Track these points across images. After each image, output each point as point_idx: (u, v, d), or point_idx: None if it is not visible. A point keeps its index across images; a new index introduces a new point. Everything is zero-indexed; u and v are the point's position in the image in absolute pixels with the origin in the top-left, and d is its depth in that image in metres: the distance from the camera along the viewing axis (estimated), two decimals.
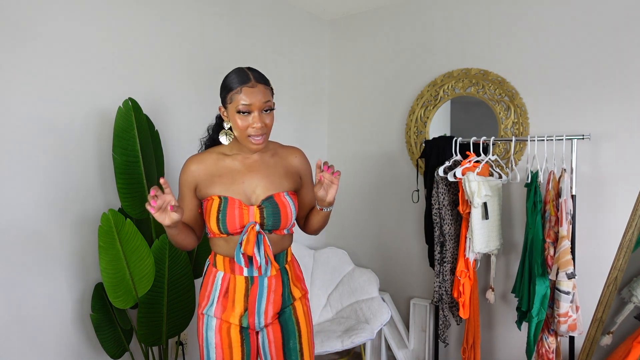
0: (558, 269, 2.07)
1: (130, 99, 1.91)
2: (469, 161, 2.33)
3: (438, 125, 2.83)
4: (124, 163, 1.90)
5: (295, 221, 1.58)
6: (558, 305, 2.08)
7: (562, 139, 2.24)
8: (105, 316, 1.97)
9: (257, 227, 1.42)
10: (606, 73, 2.28)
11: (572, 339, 2.24)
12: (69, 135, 1.93)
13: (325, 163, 1.41)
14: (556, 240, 2.15)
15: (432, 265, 2.56)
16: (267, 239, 1.44)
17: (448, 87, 2.73)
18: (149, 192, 1.96)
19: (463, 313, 2.34)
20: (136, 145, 1.91)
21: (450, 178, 2.32)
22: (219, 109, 1.49)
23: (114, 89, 2.06)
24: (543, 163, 2.33)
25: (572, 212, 2.15)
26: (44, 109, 1.86)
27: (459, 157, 2.43)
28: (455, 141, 2.44)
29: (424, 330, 2.79)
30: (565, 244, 2.07)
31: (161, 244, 1.93)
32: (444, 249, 2.43)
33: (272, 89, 1.48)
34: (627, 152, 2.24)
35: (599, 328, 1.62)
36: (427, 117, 2.82)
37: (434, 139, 2.57)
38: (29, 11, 1.81)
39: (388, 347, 2.88)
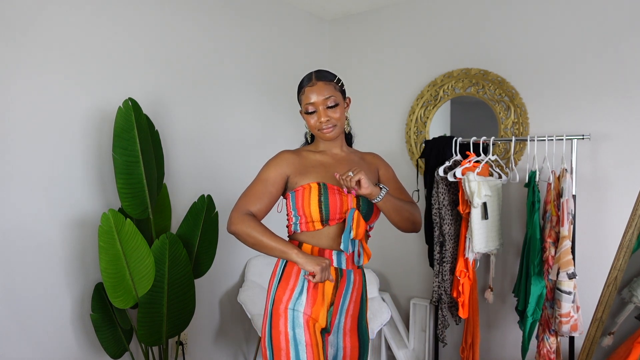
0: (559, 269, 2.07)
1: (130, 99, 1.91)
2: (469, 161, 2.33)
3: (438, 125, 2.84)
4: (124, 163, 1.90)
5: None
6: (559, 306, 2.09)
7: (562, 139, 2.24)
8: (105, 316, 1.97)
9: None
10: (606, 73, 2.28)
11: (572, 339, 2.24)
12: (69, 135, 1.93)
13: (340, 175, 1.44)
14: (557, 240, 2.15)
15: (432, 265, 2.56)
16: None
17: (448, 87, 2.74)
18: (148, 193, 1.96)
19: (462, 313, 2.34)
20: (136, 145, 1.91)
21: (450, 178, 2.32)
22: (300, 112, 1.58)
23: (114, 89, 2.06)
24: (543, 163, 2.34)
25: (573, 212, 2.15)
26: (44, 109, 1.86)
27: (459, 157, 2.43)
28: (455, 141, 2.44)
29: (424, 330, 2.79)
30: (566, 244, 2.07)
31: (161, 244, 1.93)
32: (444, 248, 2.43)
33: (337, 83, 1.54)
34: (627, 152, 2.24)
35: (599, 328, 1.62)
36: (427, 117, 2.82)
37: (434, 139, 2.57)
38: (28, 11, 1.80)
39: (388, 347, 2.88)
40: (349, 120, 1.62)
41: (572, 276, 2.05)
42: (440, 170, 2.38)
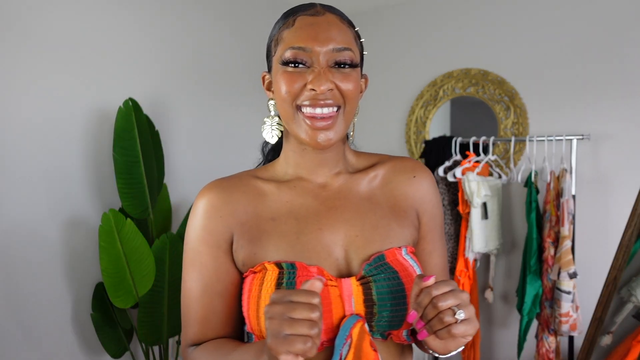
0: (560, 269, 2.08)
1: (130, 99, 1.92)
2: (469, 161, 2.33)
3: (438, 125, 2.84)
4: (124, 163, 1.90)
5: None
6: (559, 305, 2.09)
7: (561, 139, 2.25)
8: (106, 316, 1.97)
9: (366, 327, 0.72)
10: (606, 73, 2.28)
11: (571, 338, 2.25)
12: (69, 135, 1.94)
13: (436, 286, 0.65)
14: (556, 240, 2.15)
15: None
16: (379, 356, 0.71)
17: (448, 87, 2.74)
18: (148, 193, 1.96)
19: None
20: (136, 145, 1.91)
21: (450, 178, 2.32)
22: (262, 79, 0.90)
23: (114, 89, 2.06)
24: (542, 163, 2.34)
25: (573, 212, 2.16)
26: (43, 109, 1.86)
27: (458, 157, 2.43)
28: (455, 141, 2.45)
29: None
30: (567, 244, 2.08)
31: (161, 244, 1.93)
32: None
33: (358, 37, 0.84)
34: (627, 152, 2.24)
35: (598, 328, 1.62)
36: (427, 117, 2.82)
37: (433, 139, 2.58)
38: (28, 10, 1.81)
39: None
40: (357, 114, 0.84)
41: (573, 276, 2.06)
42: (440, 170, 2.39)
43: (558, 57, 2.40)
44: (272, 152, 0.98)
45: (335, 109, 0.76)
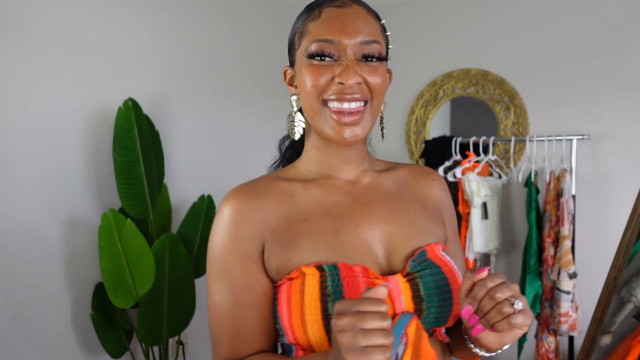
0: (560, 269, 2.08)
1: (130, 99, 1.92)
2: (469, 161, 2.34)
3: (438, 125, 2.84)
4: (124, 163, 1.91)
5: None
6: (559, 305, 2.09)
7: (561, 139, 2.25)
8: (106, 316, 1.97)
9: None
10: (606, 73, 2.28)
11: (571, 338, 2.25)
12: (69, 135, 1.94)
13: (491, 278, 0.63)
14: (556, 240, 2.16)
15: None
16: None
17: (448, 87, 2.74)
18: (148, 193, 1.96)
19: None
20: (136, 145, 1.91)
21: (450, 178, 2.32)
22: (283, 73, 0.84)
23: (114, 89, 2.06)
24: (542, 163, 2.34)
25: (573, 212, 2.16)
26: (44, 109, 1.86)
27: (458, 157, 2.43)
28: (455, 141, 2.45)
29: None
30: (567, 244, 2.09)
31: (161, 244, 1.93)
32: None
33: (384, 30, 0.84)
34: (627, 152, 2.24)
35: (598, 328, 1.62)
36: (427, 117, 2.82)
37: (433, 139, 2.58)
38: (28, 11, 1.81)
39: None
40: (383, 110, 0.83)
41: (573, 276, 2.06)
42: (440, 170, 2.39)
43: (558, 57, 2.40)
44: (290, 150, 0.93)
45: (362, 103, 0.74)
